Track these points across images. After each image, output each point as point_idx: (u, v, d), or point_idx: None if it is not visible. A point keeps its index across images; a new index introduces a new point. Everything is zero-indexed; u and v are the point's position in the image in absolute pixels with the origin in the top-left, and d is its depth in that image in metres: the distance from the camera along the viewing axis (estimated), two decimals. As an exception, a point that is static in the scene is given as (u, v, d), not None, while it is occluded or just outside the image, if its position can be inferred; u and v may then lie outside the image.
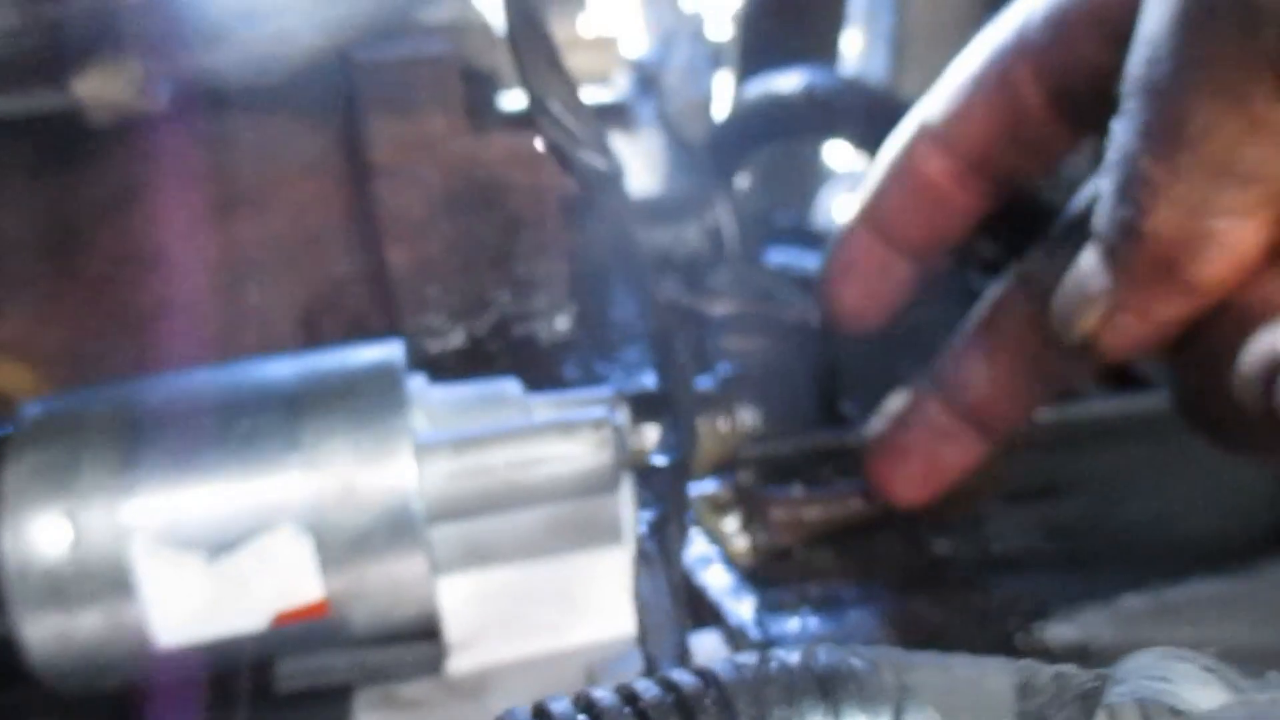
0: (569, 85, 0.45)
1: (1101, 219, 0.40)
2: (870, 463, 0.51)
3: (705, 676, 0.23)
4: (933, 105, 0.48)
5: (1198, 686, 0.19)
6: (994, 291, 0.49)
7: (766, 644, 0.39)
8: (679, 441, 0.40)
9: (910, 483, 0.50)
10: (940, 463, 0.49)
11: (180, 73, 0.54)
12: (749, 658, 0.23)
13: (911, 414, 0.50)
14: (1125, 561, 0.48)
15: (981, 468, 0.50)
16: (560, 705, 0.23)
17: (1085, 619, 0.44)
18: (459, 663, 0.44)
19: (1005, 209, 0.50)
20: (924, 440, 0.49)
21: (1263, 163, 0.35)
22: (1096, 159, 0.44)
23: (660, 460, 0.40)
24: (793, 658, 0.24)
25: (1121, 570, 0.47)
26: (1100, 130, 0.45)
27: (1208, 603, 0.44)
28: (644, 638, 0.33)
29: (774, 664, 0.23)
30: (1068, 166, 0.50)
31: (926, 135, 0.48)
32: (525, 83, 0.44)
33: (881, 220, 0.50)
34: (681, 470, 0.39)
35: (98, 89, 0.49)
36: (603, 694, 0.23)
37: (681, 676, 0.23)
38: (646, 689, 0.23)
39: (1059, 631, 0.44)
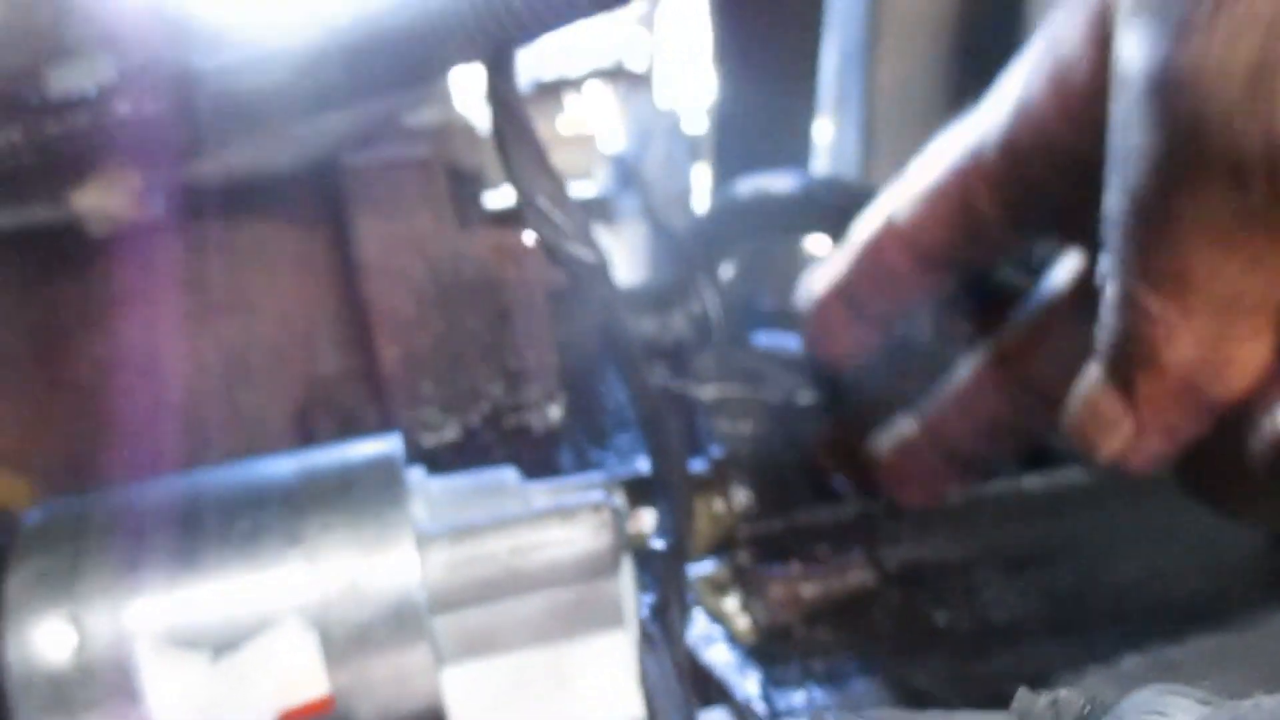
0: (555, 180, 0.46)
1: (1112, 352, 0.43)
2: (880, 477, 0.57)
3: (720, 743, 0.23)
4: (898, 206, 0.53)
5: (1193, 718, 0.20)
6: (972, 365, 0.54)
7: (775, 718, 0.39)
8: (675, 524, 0.41)
9: (914, 499, 0.57)
10: (937, 488, 0.56)
11: (174, 181, 0.55)
12: (763, 725, 0.24)
13: (907, 453, 0.56)
14: (1121, 623, 0.48)
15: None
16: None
17: (1088, 682, 0.45)
18: (465, 755, 0.44)
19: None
20: (920, 473, 0.56)
21: (1266, 291, 0.38)
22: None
23: (658, 543, 0.40)
24: (803, 724, 0.24)
25: (1119, 631, 0.47)
26: (1048, 234, 0.51)
27: (1206, 657, 0.45)
28: (653, 718, 0.33)
29: (786, 729, 0.23)
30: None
31: (892, 233, 0.53)
32: (512, 179, 0.46)
33: (850, 295, 0.56)
34: (679, 552, 0.40)
35: (97, 202, 0.51)
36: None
37: (697, 744, 0.23)
38: (662, 757, 0.23)
39: (1062, 694, 0.44)
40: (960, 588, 0.54)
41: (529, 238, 0.64)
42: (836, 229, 0.61)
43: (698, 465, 0.59)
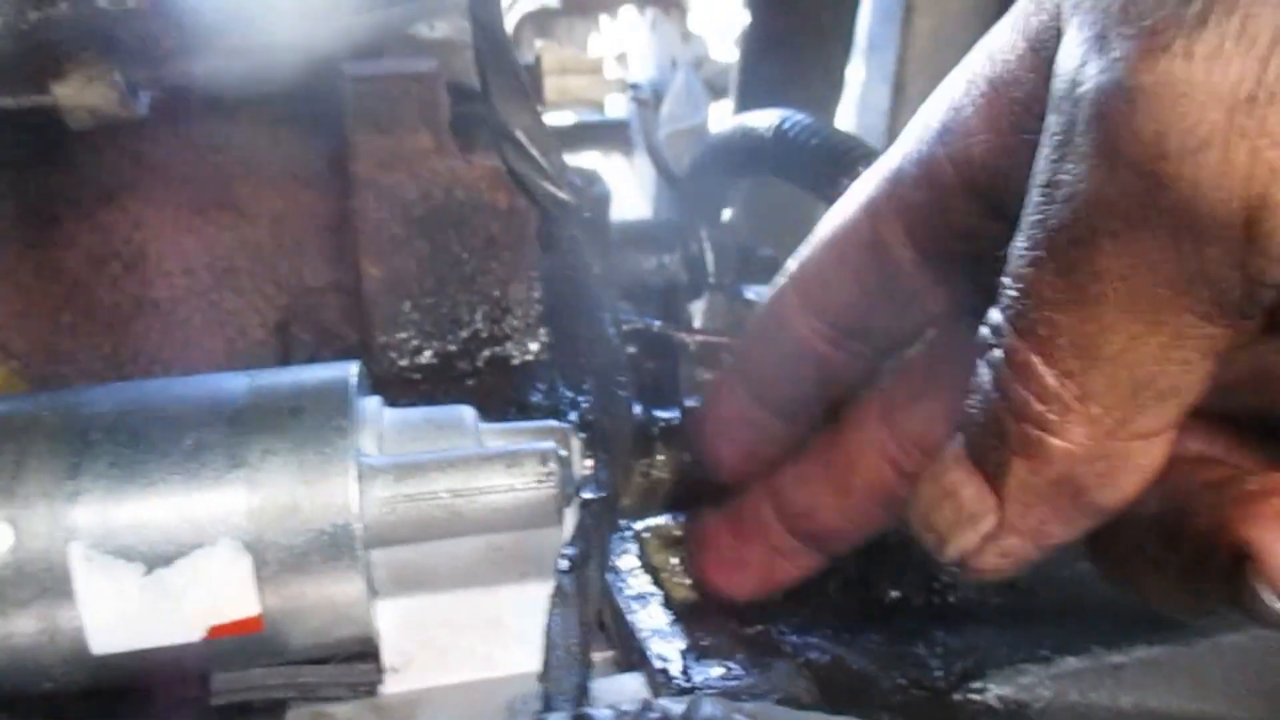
0: (534, 112, 0.45)
1: (985, 429, 0.36)
2: (702, 561, 0.50)
3: (583, 721, 0.23)
4: (803, 258, 0.46)
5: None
6: (850, 415, 0.47)
7: (689, 690, 0.39)
8: (609, 479, 0.40)
9: (744, 588, 0.49)
10: (776, 575, 0.49)
11: (164, 81, 0.54)
12: (632, 705, 0.23)
13: (749, 527, 0.48)
14: (1068, 619, 0.48)
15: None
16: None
17: (1024, 678, 0.44)
18: (392, 686, 0.44)
19: None
20: (761, 555, 0.48)
21: (1182, 377, 0.32)
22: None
23: (589, 495, 0.40)
24: (676, 709, 0.23)
25: (1065, 628, 0.47)
26: (984, 291, 0.40)
27: (1147, 667, 0.44)
28: (545, 675, 0.33)
29: (655, 714, 0.23)
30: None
31: (796, 291, 0.46)
32: (491, 109, 0.45)
33: (753, 380, 0.48)
34: (609, 507, 0.39)
35: (76, 94, 0.50)
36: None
37: None
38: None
39: (997, 689, 0.44)
40: (917, 565, 0.53)
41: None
42: (807, 178, 0.58)
43: (671, 414, 0.58)
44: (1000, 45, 0.37)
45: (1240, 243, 0.29)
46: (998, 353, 0.35)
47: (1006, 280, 0.34)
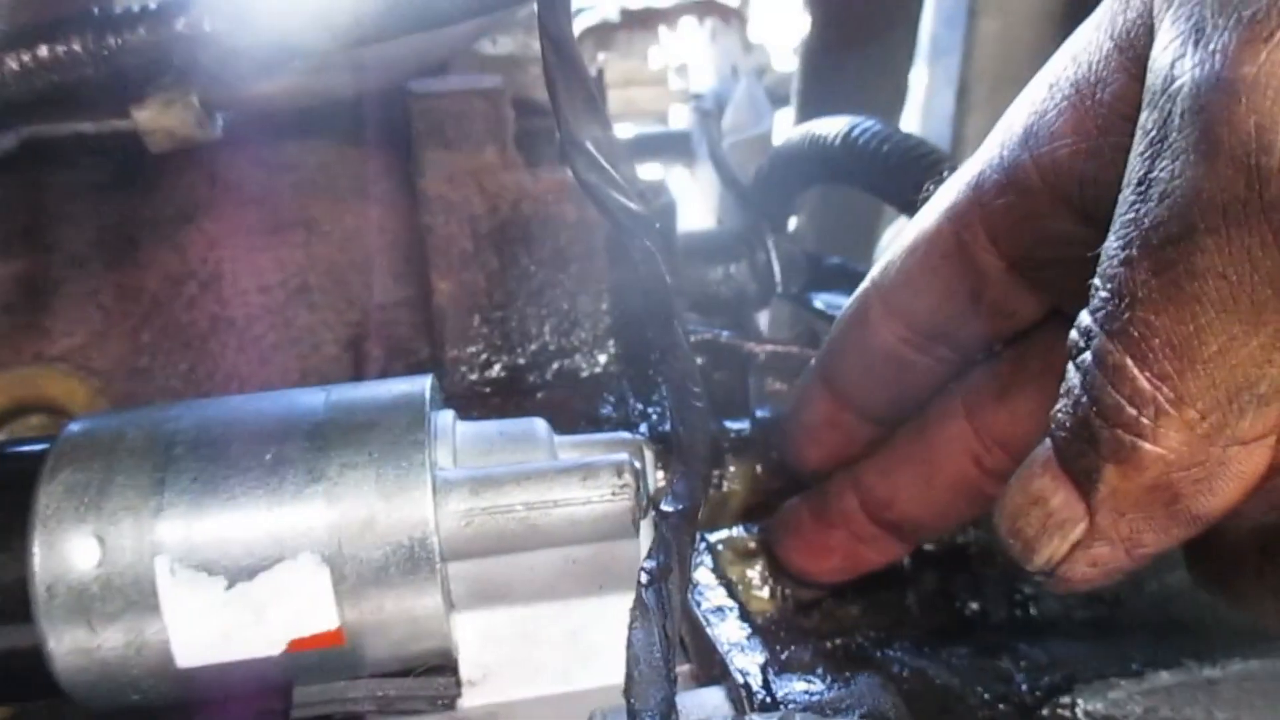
0: (605, 125, 0.45)
1: (1075, 433, 0.35)
2: (786, 546, 0.51)
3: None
4: (886, 264, 0.45)
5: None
6: (934, 409, 0.47)
7: (771, 705, 0.38)
8: (689, 490, 0.40)
9: (826, 573, 0.50)
10: (860, 560, 0.49)
11: (238, 102, 0.55)
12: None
13: (833, 514, 0.49)
14: (1159, 633, 0.46)
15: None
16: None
17: (1115, 693, 0.43)
18: (471, 699, 0.44)
19: None
20: (845, 541, 0.49)
21: None
22: None
23: (668, 507, 0.39)
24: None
25: (1155, 642, 0.45)
26: (1072, 296, 0.39)
27: (1243, 683, 0.42)
28: (629, 690, 0.32)
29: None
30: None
31: (880, 297, 0.46)
32: (560, 121, 0.45)
33: (838, 384, 0.49)
34: (689, 520, 0.39)
35: (155, 117, 0.51)
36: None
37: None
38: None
39: (1086, 705, 0.42)
40: (999, 576, 0.52)
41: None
42: (877, 184, 0.57)
43: (741, 426, 0.58)
44: (1085, 47, 0.37)
45: None
46: (1088, 356, 0.34)
47: (1098, 281, 0.33)
